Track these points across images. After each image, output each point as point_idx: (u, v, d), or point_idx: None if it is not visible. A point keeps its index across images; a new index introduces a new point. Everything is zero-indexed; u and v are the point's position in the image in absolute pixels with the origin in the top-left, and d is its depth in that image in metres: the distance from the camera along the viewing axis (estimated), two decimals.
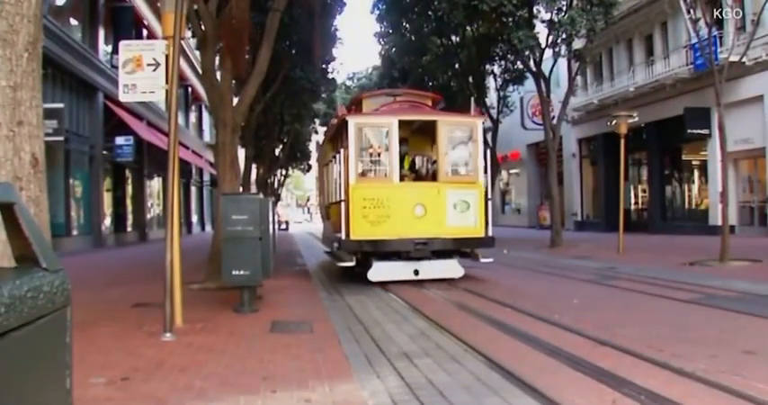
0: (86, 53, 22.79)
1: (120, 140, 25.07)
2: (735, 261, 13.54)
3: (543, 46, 22.46)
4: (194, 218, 43.99)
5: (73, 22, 23.21)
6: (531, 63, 23.28)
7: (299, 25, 18.00)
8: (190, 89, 38.08)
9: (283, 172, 37.29)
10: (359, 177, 11.77)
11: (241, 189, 15.20)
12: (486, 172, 12.58)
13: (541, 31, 22.81)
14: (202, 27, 12.08)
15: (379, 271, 11.63)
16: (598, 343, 6.45)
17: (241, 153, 18.90)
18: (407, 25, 29.60)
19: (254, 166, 25.65)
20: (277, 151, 30.57)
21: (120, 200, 27.83)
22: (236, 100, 12.84)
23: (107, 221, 25.87)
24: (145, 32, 28.56)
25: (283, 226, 49.54)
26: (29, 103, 4.04)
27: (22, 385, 1.71)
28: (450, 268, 12.07)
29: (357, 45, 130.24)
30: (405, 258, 11.62)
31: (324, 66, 23.24)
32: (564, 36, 21.10)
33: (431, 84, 30.61)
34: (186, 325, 7.28)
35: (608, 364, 5.45)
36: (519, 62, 25.83)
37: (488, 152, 12.72)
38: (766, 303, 8.73)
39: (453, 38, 28.15)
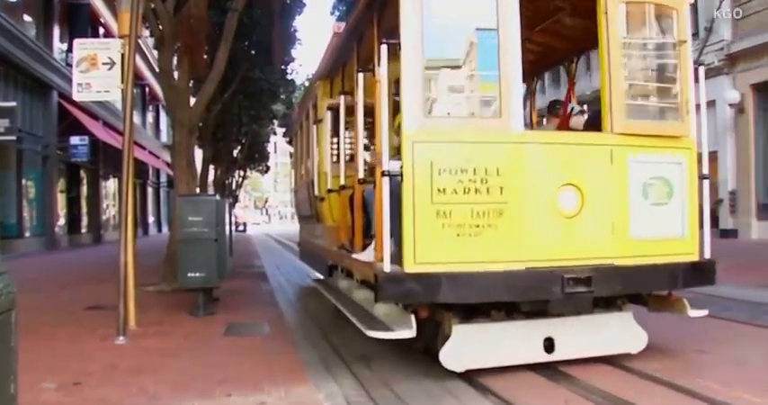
0: (41, 51, 22.32)
1: (75, 140, 24.68)
2: None
3: None
4: (151, 219, 43.48)
5: (27, 18, 22.72)
6: None
7: (259, 25, 17.88)
8: (147, 89, 37.60)
9: (241, 173, 36.99)
10: (425, 116, 5.26)
11: (198, 190, 15.02)
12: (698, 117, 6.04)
13: None
14: (160, 26, 11.94)
15: (467, 346, 5.29)
16: None
17: (199, 154, 18.72)
18: None
19: (211, 168, 25.42)
20: (235, 152, 30.30)
21: (74, 201, 27.34)
22: (193, 100, 12.71)
23: (61, 223, 25.41)
24: (102, 30, 28.16)
25: (241, 227, 49.24)
26: None
27: None
28: (623, 333, 5.85)
29: (317, 46, 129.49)
30: (527, 314, 5.54)
31: (283, 67, 23.08)
32: None
33: None
34: (140, 328, 7.17)
35: (562, 366, 5.48)
36: None
37: (701, 73, 6.16)
38: (719, 303, 8.87)
39: None
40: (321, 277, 10.52)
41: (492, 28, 5.37)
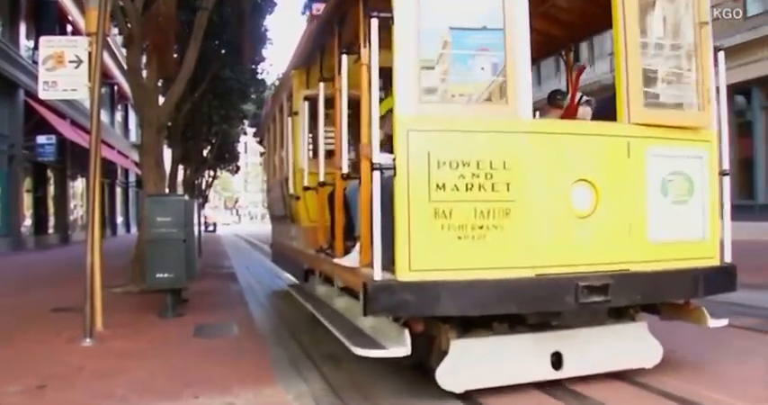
0: (7, 48, 21.98)
1: (41, 139, 24.26)
2: None
3: None
4: (119, 219, 43.05)
5: None
6: None
7: (229, 25, 17.77)
8: (116, 87, 37.17)
9: (211, 173, 36.74)
10: (422, 100, 4.57)
11: (167, 190, 14.89)
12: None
13: None
14: (128, 24, 11.82)
15: (467, 363, 4.71)
16: None
17: (168, 154, 18.55)
18: None
19: (181, 168, 25.21)
20: (205, 152, 30.09)
21: (41, 201, 26.92)
22: (163, 99, 12.60)
23: (27, 223, 25.02)
24: (69, 28, 27.80)
25: (211, 228, 48.97)
26: None
27: None
28: (637, 345, 5.30)
29: (288, 46, 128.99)
30: (532, 327, 4.99)
31: (253, 66, 22.96)
32: None
33: None
34: (108, 330, 7.09)
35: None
36: None
37: (720, 58, 5.55)
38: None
39: None
40: (296, 282, 9.88)
41: (498, 3, 4.68)
